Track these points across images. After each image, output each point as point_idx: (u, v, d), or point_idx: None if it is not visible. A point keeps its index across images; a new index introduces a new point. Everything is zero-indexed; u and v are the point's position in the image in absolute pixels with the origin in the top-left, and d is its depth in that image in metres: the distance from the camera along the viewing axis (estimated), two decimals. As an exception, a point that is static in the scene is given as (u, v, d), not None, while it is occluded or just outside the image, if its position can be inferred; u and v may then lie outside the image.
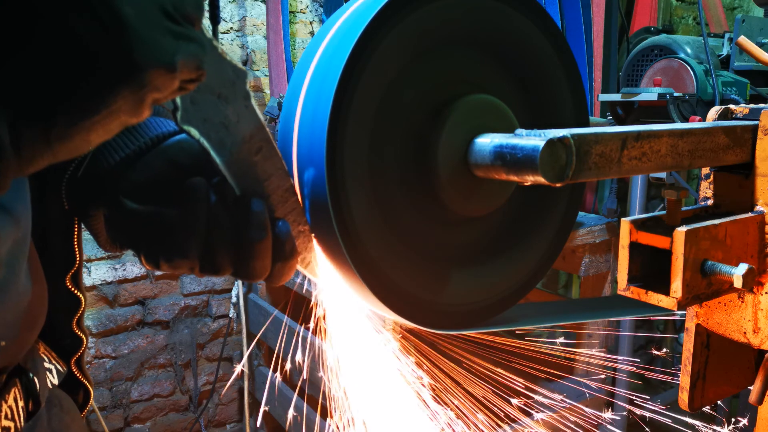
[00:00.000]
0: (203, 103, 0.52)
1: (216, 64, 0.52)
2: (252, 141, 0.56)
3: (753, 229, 0.68)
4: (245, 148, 0.56)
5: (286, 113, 0.66)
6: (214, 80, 0.53)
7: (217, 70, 0.53)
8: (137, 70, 0.38)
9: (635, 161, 0.58)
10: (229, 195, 0.56)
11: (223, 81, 0.53)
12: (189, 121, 0.52)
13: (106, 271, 2.46)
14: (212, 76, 0.52)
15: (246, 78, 0.55)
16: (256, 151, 0.57)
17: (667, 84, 1.92)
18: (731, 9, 3.90)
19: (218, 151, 0.54)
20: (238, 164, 0.56)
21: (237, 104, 0.55)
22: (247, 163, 0.56)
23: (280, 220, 0.58)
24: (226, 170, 0.55)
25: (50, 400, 0.74)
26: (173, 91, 0.41)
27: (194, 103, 0.52)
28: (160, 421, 2.69)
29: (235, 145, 0.55)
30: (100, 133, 0.40)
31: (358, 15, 0.60)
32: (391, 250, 0.65)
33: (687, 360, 0.74)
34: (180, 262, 0.57)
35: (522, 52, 0.71)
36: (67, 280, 0.77)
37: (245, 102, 0.55)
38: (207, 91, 0.52)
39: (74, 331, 0.80)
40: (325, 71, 0.60)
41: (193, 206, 0.55)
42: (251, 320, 2.57)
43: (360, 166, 0.61)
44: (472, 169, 0.62)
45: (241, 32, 2.62)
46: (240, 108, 0.55)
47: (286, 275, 0.60)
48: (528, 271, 0.77)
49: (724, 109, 0.74)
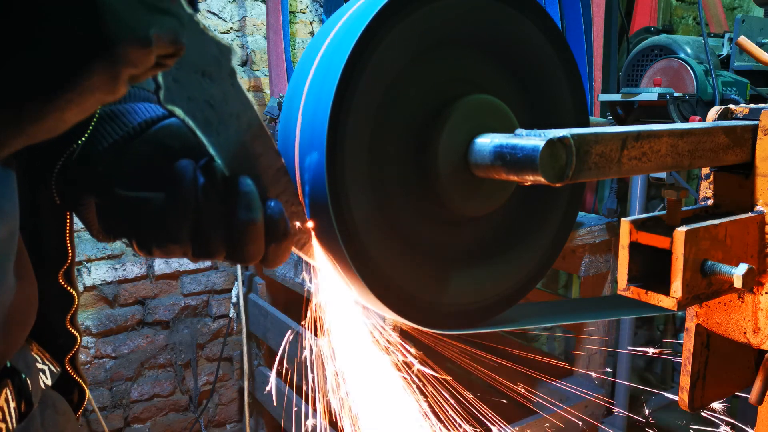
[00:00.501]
0: (186, 82, 0.50)
1: (197, 40, 0.50)
2: (240, 120, 0.55)
3: (753, 229, 0.68)
4: (233, 127, 0.54)
5: (287, 113, 0.66)
6: (197, 57, 0.51)
7: (199, 47, 0.51)
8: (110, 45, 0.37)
9: (635, 161, 0.58)
10: (218, 176, 0.54)
11: (206, 58, 0.51)
12: (172, 101, 0.50)
13: (106, 271, 2.46)
14: (194, 53, 0.50)
15: (231, 54, 0.53)
16: (244, 130, 0.55)
17: (667, 84, 1.91)
18: (731, 9, 3.89)
19: (205, 131, 0.52)
20: (226, 144, 0.54)
21: (222, 82, 0.53)
22: (235, 142, 0.55)
23: (272, 200, 0.56)
24: (215, 151, 0.53)
25: (43, 401, 0.73)
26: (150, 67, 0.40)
27: (177, 81, 0.50)
28: (160, 421, 2.69)
29: (222, 124, 0.53)
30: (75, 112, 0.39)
31: (359, 15, 0.60)
32: (391, 250, 0.65)
33: (687, 360, 0.74)
34: (171, 247, 0.55)
35: (522, 52, 0.71)
36: (60, 276, 0.75)
37: (231, 79, 0.53)
38: (190, 69, 0.50)
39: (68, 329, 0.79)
40: (326, 71, 0.60)
41: (180, 189, 0.54)
42: (251, 320, 2.57)
43: (360, 166, 0.61)
44: (472, 169, 0.62)
45: (241, 32, 2.62)
46: (226, 86, 0.53)
47: (281, 257, 0.58)
48: (528, 271, 0.77)
49: (724, 109, 0.74)
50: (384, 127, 0.62)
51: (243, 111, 0.55)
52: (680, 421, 3.18)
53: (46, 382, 0.74)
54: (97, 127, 0.63)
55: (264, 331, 2.46)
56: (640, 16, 3.19)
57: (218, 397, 2.82)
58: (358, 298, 0.68)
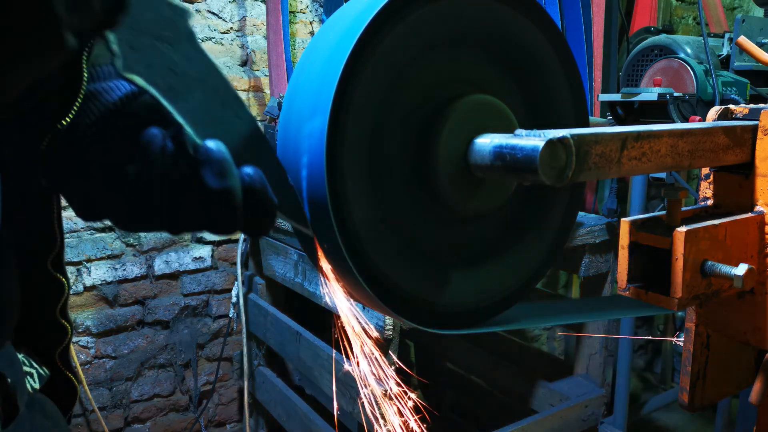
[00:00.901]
0: (144, 48, 0.48)
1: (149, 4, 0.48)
2: (206, 84, 0.52)
3: (753, 229, 0.68)
4: (199, 92, 0.51)
5: (286, 113, 0.66)
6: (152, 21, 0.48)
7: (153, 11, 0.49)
8: None
9: (635, 161, 0.58)
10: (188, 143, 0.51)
11: (161, 21, 0.49)
12: (131, 68, 0.47)
13: (106, 271, 2.46)
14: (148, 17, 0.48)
15: (188, 16, 0.51)
16: (211, 95, 0.52)
17: (667, 84, 1.91)
18: (731, 9, 3.89)
19: (170, 98, 0.50)
20: (194, 111, 0.51)
21: (182, 45, 0.50)
22: (203, 108, 0.52)
23: (249, 166, 0.53)
24: (183, 119, 0.51)
25: (31, 404, 0.71)
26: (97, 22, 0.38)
27: (134, 48, 0.47)
28: (160, 421, 2.69)
29: (187, 89, 0.51)
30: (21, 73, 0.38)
31: (359, 15, 0.60)
32: (390, 249, 0.65)
33: (687, 360, 0.74)
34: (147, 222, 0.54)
35: (522, 52, 0.71)
36: (49, 263, 0.73)
37: (191, 43, 0.51)
38: (146, 35, 0.48)
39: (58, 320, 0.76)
40: (325, 71, 0.60)
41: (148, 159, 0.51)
42: (251, 320, 2.57)
43: (360, 166, 0.61)
44: (471, 169, 0.62)
45: (241, 32, 2.62)
46: (186, 49, 0.51)
47: (265, 226, 0.55)
48: (528, 271, 0.77)
49: (724, 109, 0.74)
50: (384, 127, 0.62)
51: (208, 75, 0.52)
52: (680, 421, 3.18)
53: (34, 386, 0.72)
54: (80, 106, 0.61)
55: (264, 331, 2.46)
56: (640, 16, 3.18)
57: (218, 397, 2.82)
58: (358, 297, 0.68)
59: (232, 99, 0.54)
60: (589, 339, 2.28)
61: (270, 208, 0.54)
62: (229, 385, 2.84)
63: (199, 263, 2.66)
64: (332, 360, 1.97)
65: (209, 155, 0.50)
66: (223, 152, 0.51)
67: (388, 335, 1.70)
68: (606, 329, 2.24)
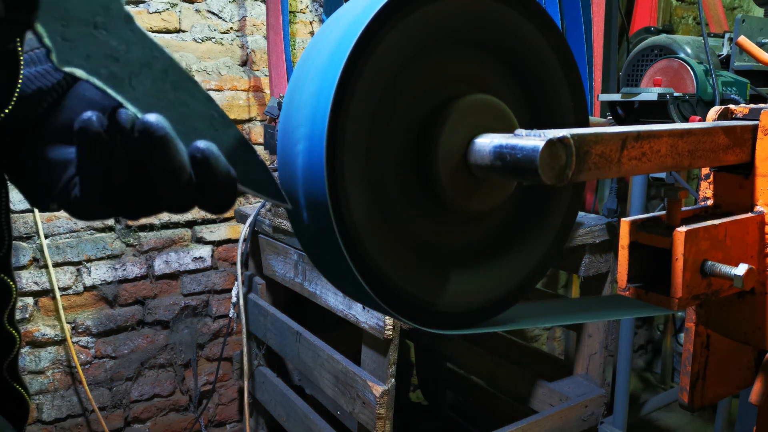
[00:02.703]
0: (78, 38, 0.45)
1: None
2: (153, 68, 0.49)
3: (753, 229, 0.68)
4: (147, 77, 0.49)
5: (286, 113, 0.66)
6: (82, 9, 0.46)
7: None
8: None
9: (635, 161, 0.58)
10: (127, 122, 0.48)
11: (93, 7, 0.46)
12: (68, 62, 0.45)
13: (106, 271, 2.46)
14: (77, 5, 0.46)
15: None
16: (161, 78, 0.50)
17: (667, 84, 1.91)
18: (731, 9, 3.89)
19: (116, 87, 0.47)
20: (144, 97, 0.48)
21: (120, 30, 0.48)
22: (154, 93, 0.49)
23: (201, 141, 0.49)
24: (134, 106, 0.48)
25: None
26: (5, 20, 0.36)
27: (67, 40, 0.45)
28: (160, 421, 2.69)
29: (134, 76, 0.48)
30: None
31: (358, 15, 0.60)
32: (390, 249, 0.65)
33: (687, 360, 0.74)
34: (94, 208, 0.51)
35: (522, 51, 0.71)
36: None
37: (129, 26, 0.48)
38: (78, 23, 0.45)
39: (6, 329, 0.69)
40: (325, 71, 0.60)
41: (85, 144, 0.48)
42: (251, 320, 2.57)
43: (360, 165, 0.61)
44: (471, 169, 0.62)
45: (241, 32, 2.62)
46: (125, 33, 0.48)
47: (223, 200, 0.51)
48: (528, 271, 0.77)
49: (724, 109, 0.74)
50: (383, 126, 0.62)
51: (153, 59, 0.50)
52: (680, 421, 3.18)
53: None
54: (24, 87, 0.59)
55: (264, 331, 2.46)
56: (640, 16, 3.18)
57: (218, 397, 2.82)
58: (357, 297, 0.68)
59: (183, 79, 0.51)
60: (589, 339, 2.28)
61: (226, 181, 0.50)
62: (229, 385, 2.84)
63: (199, 263, 2.66)
64: (332, 360, 1.97)
65: (153, 132, 0.47)
66: (163, 126, 0.47)
67: (388, 335, 1.70)
68: (606, 329, 2.24)
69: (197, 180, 0.49)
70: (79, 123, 0.48)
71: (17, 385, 0.72)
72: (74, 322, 2.42)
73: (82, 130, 0.48)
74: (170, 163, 0.47)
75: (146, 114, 0.47)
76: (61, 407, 2.44)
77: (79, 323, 2.43)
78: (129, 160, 0.48)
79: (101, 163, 0.48)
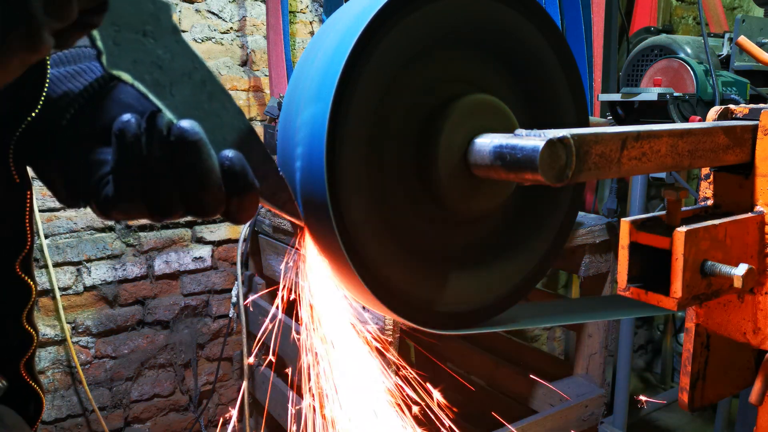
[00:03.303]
0: (128, 44, 0.48)
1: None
2: (193, 79, 0.52)
3: (753, 229, 0.68)
4: (187, 87, 0.52)
5: (286, 113, 0.66)
6: (134, 16, 0.48)
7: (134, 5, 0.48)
8: None
9: (635, 161, 0.58)
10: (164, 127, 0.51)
11: (144, 16, 0.49)
12: (117, 65, 0.47)
13: (106, 271, 2.46)
14: (130, 12, 0.48)
15: (170, 10, 0.51)
16: (199, 89, 0.52)
17: (667, 84, 1.91)
18: (731, 9, 3.89)
19: (157, 94, 0.50)
20: (182, 106, 0.51)
21: (166, 40, 0.50)
22: (191, 102, 0.52)
23: (230, 149, 0.52)
24: (172, 114, 0.51)
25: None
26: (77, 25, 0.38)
27: (118, 44, 0.47)
28: (160, 421, 2.69)
29: (175, 84, 0.51)
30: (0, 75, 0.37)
31: (358, 15, 0.60)
32: (390, 250, 0.65)
33: (687, 360, 0.74)
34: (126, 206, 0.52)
35: (522, 52, 0.71)
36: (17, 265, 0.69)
37: (175, 36, 0.51)
38: (129, 30, 0.48)
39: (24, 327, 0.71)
40: (325, 71, 0.60)
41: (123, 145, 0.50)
42: (251, 320, 2.57)
43: (359, 166, 0.61)
44: (471, 169, 0.62)
45: (241, 32, 2.62)
46: (170, 43, 0.51)
47: (246, 210, 0.54)
48: (528, 271, 0.77)
49: (724, 109, 0.74)
50: (383, 126, 0.62)
51: (194, 69, 0.52)
52: (680, 421, 3.18)
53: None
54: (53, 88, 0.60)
55: (264, 331, 2.46)
56: (640, 16, 3.18)
57: (218, 397, 2.82)
58: (357, 297, 0.68)
59: (219, 92, 0.54)
60: (589, 339, 2.28)
61: (250, 192, 0.53)
62: (229, 385, 2.84)
63: (199, 263, 2.66)
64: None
65: (187, 138, 0.49)
66: (198, 132, 0.50)
67: (387, 335, 1.70)
68: (606, 329, 2.24)
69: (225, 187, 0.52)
70: (118, 125, 0.50)
71: (33, 382, 0.74)
72: (74, 322, 2.42)
73: (121, 132, 0.50)
74: (202, 165, 0.50)
75: (181, 120, 0.50)
76: (61, 407, 2.44)
77: (79, 323, 2.43)
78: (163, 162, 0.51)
79: (137, 164, 0.50)
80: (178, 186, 0.51)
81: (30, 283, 0.70)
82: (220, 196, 0.52)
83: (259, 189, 0.54)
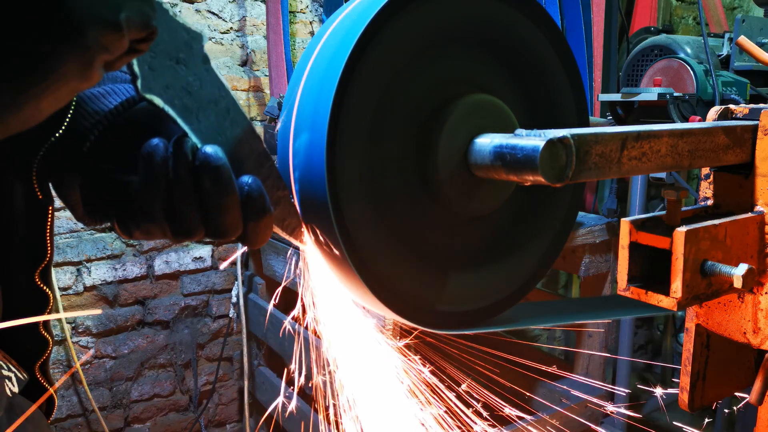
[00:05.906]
0: (162, 69, 0.51)
1: (168, 27, 0.50)
2: (218, 106, 0.55)
3: (753, 229, 0.68)
4: (212, 113, 0.54)
5: (286, 113, 0.66)
6: (169, 44, 0.51)
7: (170, 33, 0.51)
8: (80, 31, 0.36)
9: (635, 161, 0.58)
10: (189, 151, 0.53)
11: (178, 44, 0.51)
12: (150, 89, 0.50)
13: (106, 271, 2.46)
14: (166, 40, 0.50)
15: (202, 40, 0.53)
16: (223, 116, 0.55)
17: (667, 84, 1.91)
18: (731, 9, 3.89)
19: (185, 119, 0.52)
20: (207, 131, 0.54)
21: (197, 68, 0.53)
22: (215, 128, 0.55)
23: (249, 176, 0.55)
24: (197, 138, 0.53)
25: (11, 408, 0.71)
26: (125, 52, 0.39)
27: (153, 69, 0.50)
28: (160, 421, 2.69)
29: (202, 110, 0.54)
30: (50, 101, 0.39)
31: (358, 15, 0.60)
32: (391, 250, 0.65)
33: (687, 360, 0.74)
34: (149, 226, 0.54)
35: (522, 52, 0.71)
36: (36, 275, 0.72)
37: (205, 65, 0.54)
38: (164, 56, 0.50)
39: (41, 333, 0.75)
40: (325, 71, 0.60)
41: (150, 166, 0.52)
42: (251, 320, 2.57)
43: (359, 166, 0.61)
44: (472, 169, 0.62)
45: (241, 32, 2.62)
46: (200, 71, 0.53)
47: (261, 235, 0.56)
48: (528, 271, 0.77)
49: (724, 109, 0.74)
50: (383, 127, 0.62)
51: (220, 97, 0.55)
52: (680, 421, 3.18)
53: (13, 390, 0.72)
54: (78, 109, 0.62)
55: (264, 331, 2.46)
56: (640, 16, 3.18)
57: (218, 397, 2.82)
58: (358, 298, 0.68)
59: (240, 118, 0.57)
60: (589, 339, 2.28)
61: (266, 217, 0.55)
62: (229, 385, 2.84)
63: (199, 263, 2.66)
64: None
65: (211, 163, 0.52)
66: (222, 159, 0.52)
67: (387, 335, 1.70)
68: (606, 329, 2.24)
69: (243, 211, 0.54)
70: (147, 148, 0.52)
71: (47, 383, 0.78)
72: (74, 322, 2.42)
73: (150, 155, 0.52)
74: (224, 190, 0.52)
75: (205, 145, 0.53)
76: (61, 407, 2.44)
77: (79, 323, 2.44)
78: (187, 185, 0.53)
79: (163, 186, 0.52)
80: (200, 209, 0.53)
81: (48, 292, 0.74)
82: (238, 220, 0.54)
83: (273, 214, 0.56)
